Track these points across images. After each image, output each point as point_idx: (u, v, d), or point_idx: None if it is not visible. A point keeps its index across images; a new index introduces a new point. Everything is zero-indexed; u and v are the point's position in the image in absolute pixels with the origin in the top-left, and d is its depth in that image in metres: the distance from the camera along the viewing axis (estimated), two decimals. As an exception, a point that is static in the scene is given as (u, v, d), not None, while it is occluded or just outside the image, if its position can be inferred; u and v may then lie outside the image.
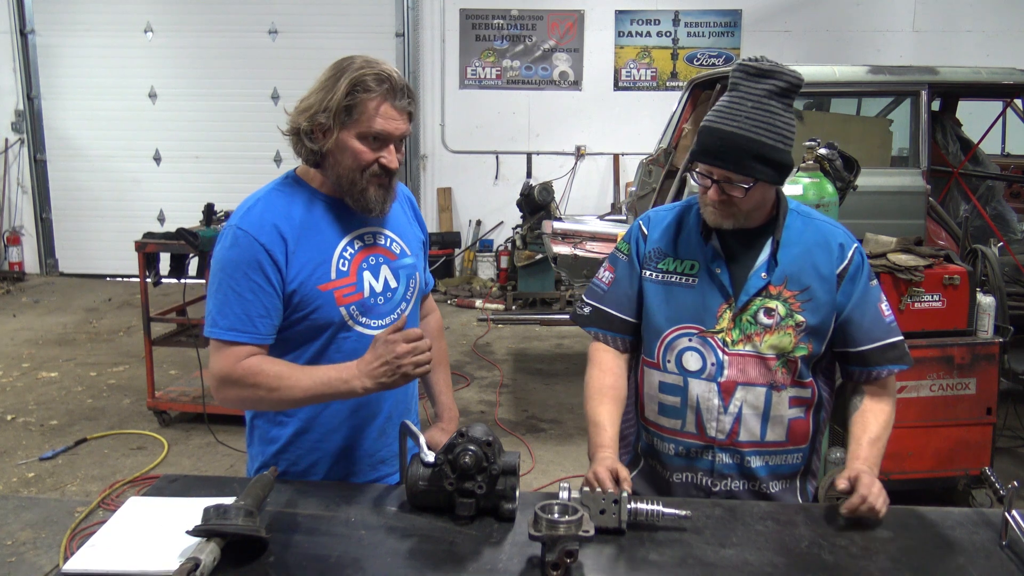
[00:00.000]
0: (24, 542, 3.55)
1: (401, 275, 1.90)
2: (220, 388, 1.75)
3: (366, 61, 1.73)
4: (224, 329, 1.73)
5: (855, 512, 1.63)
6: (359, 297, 1.82)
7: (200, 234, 4.60)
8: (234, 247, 1.74)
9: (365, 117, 1.71)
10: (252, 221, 1.75)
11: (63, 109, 9.34)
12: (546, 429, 5.03)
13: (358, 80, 1.69)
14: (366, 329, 1.83)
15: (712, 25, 9.03)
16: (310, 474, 1.88)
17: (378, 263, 1.87)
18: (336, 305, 1.79)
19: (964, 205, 5.13)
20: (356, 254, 1.84)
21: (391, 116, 1.72)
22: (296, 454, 1.88)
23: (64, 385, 5.73)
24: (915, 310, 3.54)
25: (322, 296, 1.78)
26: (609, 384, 1.93)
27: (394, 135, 1.74)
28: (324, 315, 1.79)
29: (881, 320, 1.85)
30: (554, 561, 1.40)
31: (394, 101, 1.72)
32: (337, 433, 1.88)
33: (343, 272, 1.81)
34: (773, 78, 1.72)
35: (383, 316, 1.86)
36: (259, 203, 1.80)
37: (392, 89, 1.71)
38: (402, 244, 1.93)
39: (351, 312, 1.81)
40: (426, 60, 9.04)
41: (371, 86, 1.69)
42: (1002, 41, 8.81)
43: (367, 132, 1.72)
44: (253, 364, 1.72)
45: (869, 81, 5.03)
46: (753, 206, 1.78)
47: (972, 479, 3.65)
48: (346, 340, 1.82)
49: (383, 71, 1.71)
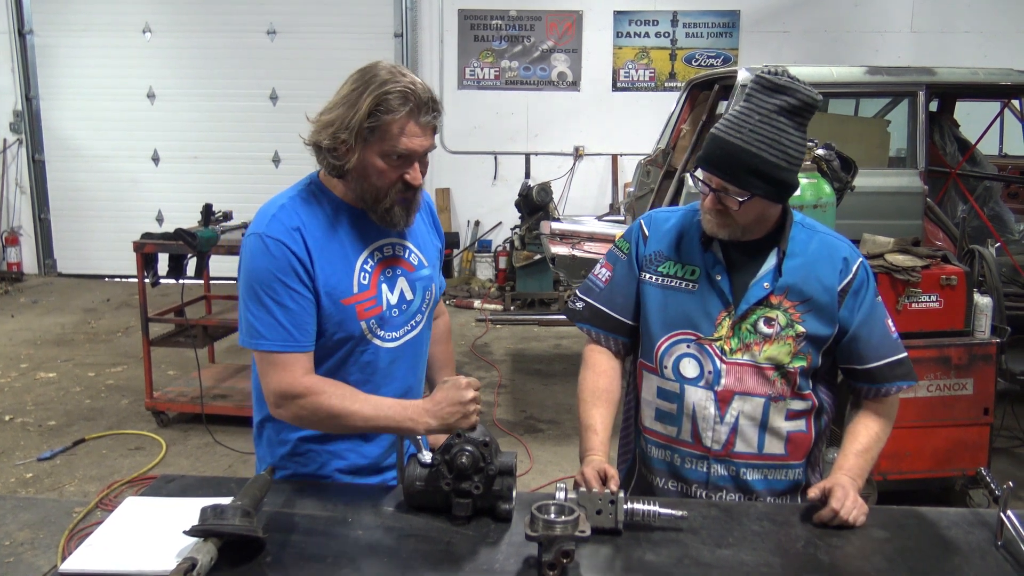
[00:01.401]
0: (22, 542, 3.55)
1: (418, 287, 1.88)
2: (281, 403, 1.71)
3: (390, 73, 1.65)
4: (274, 341, 1.69)
5: (828, 524, 1.63)
6: (378, 311, 1.79)
7: (198, 234, 4.59)
8: (266, 255, 1.69)
9: (389, 136, 1.65)
10: (280, 228, 1.71)
11: (61, 109, 9.33)
12: (544, 430, 5.03)
13: (381, 99, 1.62)
14: (382, 342, 1.82)
15: (710, 26, 9.03)
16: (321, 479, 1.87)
17: (395, 275, 1.84)
18: (357, 320, 1.76)
19: (961, 206, 5.15)
20: (376, 266, 1.81)
21: (415, 134, 1.66)
22: (304, 459, 1.87)
23: (62, 385, 5.73)
24: (912, 310, 3.55)
25: (344, 310, 1.75)
26: (603, 387, 1.92)
27: (418, 152, 1.69)
28: (346, 329, 1.76)
29: (888, 336, 1.84)
30: (550, 561, 1.40)
31: (418, 119, 1.66)
32: (346, 440, 1.86)
33: (364, 286, 1.78)
34: (786, 94, 1.69)
35: (397, 328, 1.84)
36: (283, 210, 1.74)
37: (417, 107, 1.65)
38: (420, 256, 1.91)
39: (371, 326, 1.79)
40: (424, 60, 9.04)
41: (394, 105, 1.62)
42: (1000, 42, 8.81)
43: (391, 151, 1.67)
44: (316, 384, 1.70)
45: (867, 82, 5.03)
46: (751, 220, 1.76)
47: (969, 479, 3.65)
48: (363, 353, 1.80)
49: (407, 87, 1.64)
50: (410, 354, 1.89)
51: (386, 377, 1.84)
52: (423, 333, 1.92)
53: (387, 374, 1.84)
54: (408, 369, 1.90)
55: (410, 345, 1.88)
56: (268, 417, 1.87)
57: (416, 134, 1.67)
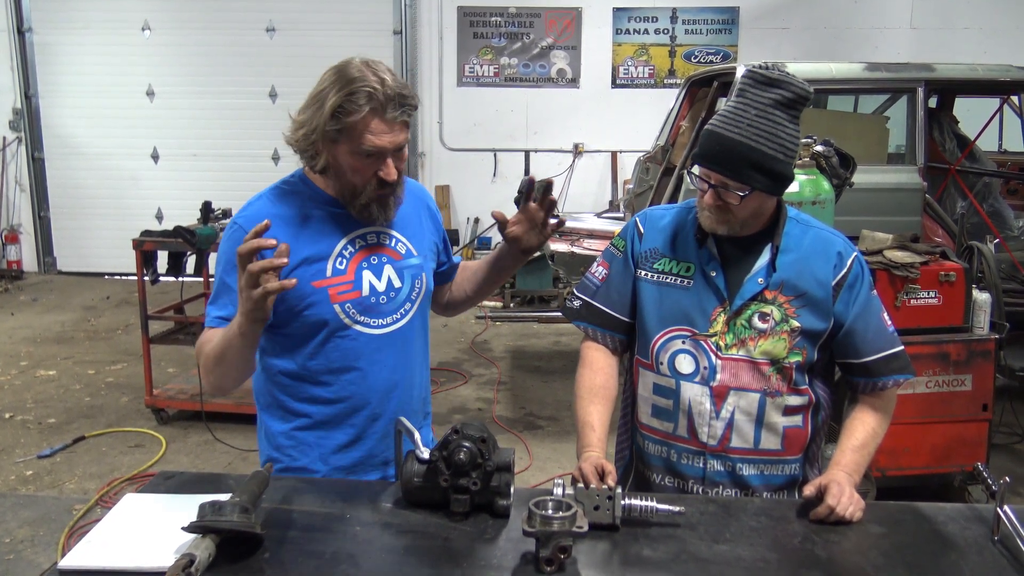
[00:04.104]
0: (22, 540, 3.55)
1: (406, 275, 1.89)
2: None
3: (360, 71, 1.67)
4: (213, 318, 1.76)
5: (824, 520, 1.63)
6: (356, 296, 1.82)
7: (198, 232, 4.59)
8: (228, 240, 1.77)
9: (355, 135, 1.67)
10: (249, 215, 1.79)
11: (61, 107, 9.33)
12: (543, 426, 5.04)
13: (344, 100, 1.64)
14: (367, 328, 1.84)
15: (710, 22, 9.03)
16: (312, 473, 1.88)
17: (381, 263, 1.86)
18: (330, 303, 1.79)
19: (961, 202, 5.15)
20: (356, 253, 1.83)
21: (382, 131, 1.68)
22: (296, 452, 1.89)
23: (62, 383, 5.73)
24: (911, 307, 3.55)
25: (316, 293, 1.78)
26: (600, 384, 1.92)
27: (387, 149, 1.71)
28: (317, 312, 1.79)
29: (884, 330, 1.84)
30: (548, 557, 1.40)
31: (384, 115, 1.67)
32: (340, 433, 1.88)
33: (340, 270, 1.81)
34: (780, 88, 1.70)
35: (385, 315, 1.86)
36: (260, 199, 1.84)
37: (381, 104, 1.66)
38: (408, 245, 1.92)
39: (347, 310, 1.81)
40: (424, 58, 9.04)
41: (357, 106, 1.64)
42: (999, 38, 8.81)
43: (359, 150, 1.69)
44: (200, 338, 1.76)
45: (866, 78, 5.03)
46: (749, 214, 1.76)
47: (968, 475, 3.65)
48: (344, 339, 1.82)
49: (372, 86, 1.64)
50: (400, 343, 1.89)
51: (373, 364, 1.86)
52: (414, 322, 1.92)
53: (373, 361, 1.85)
54: (398, 358, 1.90)
55: (399, 334, 1.89)
56: (263, 409, 1.92)
57: (383, 131, 1.68)
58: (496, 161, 9.25)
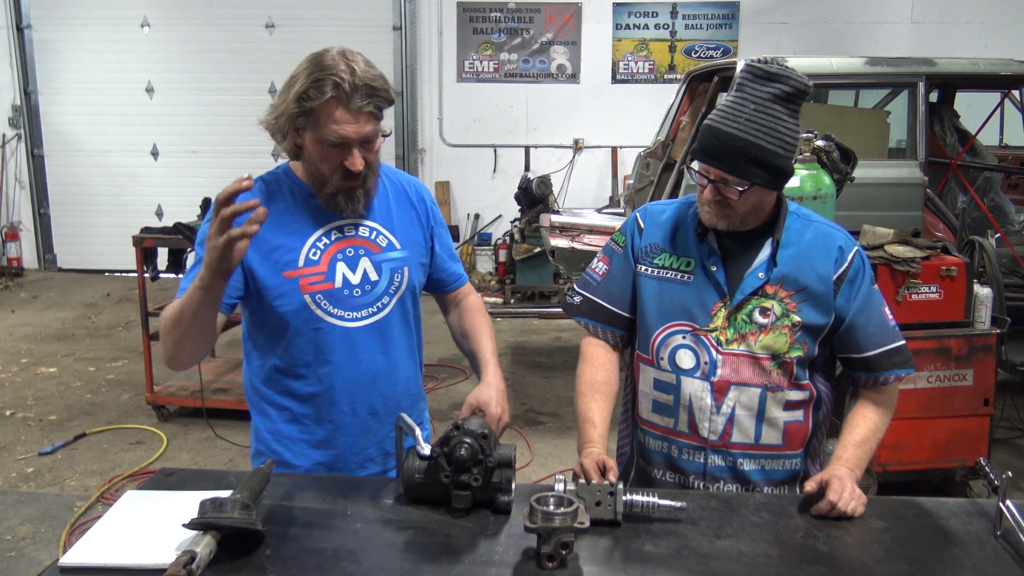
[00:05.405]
0: (23, 537, 3.56)
1: (384, 268, 1.88)
2: None
3: (333, 59, 1.66)
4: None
5: (826, 516, 1.63)
6: (327, 287, 1.81)
7: (198, 229, 4.59)
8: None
9: (319, 124, 1.68)
10: None
11: (60, 104, 9.32)
12: (544, 422, 5.04)
13: (307, 88, 1.65)
14: (340, 321, 1.83)
15: (710, 17, 9.01)
16: (294, 468, 1.89)
17: (357, 255, 1.85)
18: (300, 292, 1.79)
19: (962, 196, 5.14)
20: (331, 244, 1.83)
21: (346, 120, 1.67)
22: (279, 447, 1.90)
23: (63, 380, 5.74)
24: (912, 301, 3.54)
25: (287, 283, 1.79)
26: (601, 380, 1.92)
27: (352, 139, 1.69)
28: (288, 302, 1.79)
29: (886, 324, 1.84)
30: (549, 553, 1.40)
31: (348, 105, 1.66)
32: (318, 427, 1.88)
33: (312, 261, 1.81)
34: (779, 82, 1.69)
35: (359, 308, 1.85)
36: None
37: (347, 93, 1.64)
38: (390, 237, 1.90)
39: (317, 301, 1.80)
40: (423, 54, 9.02)
41: (321, 92, 1.64)
42: (1000, 32, 8.80)
43: (322, 139, 1.69)
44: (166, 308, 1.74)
45: (867, 73, 5.02)
46: (749, 209, 1.75)
47: (969, 470, 3.65)
48: (317, 332, 1.82)
49: (339, 75, 1.64)
50: (376, 337, 1.88)
51: (348, 358, 1.85)
52: (393, 316, 1.90)
53: (348, 355, 1.84)
54: (375, 352, 1.88)
55: (376, 327, 1.87)
56: (250, 406, 1.95)
57: (347, 120, 1.67)
58: (496, 157, 9.24)
